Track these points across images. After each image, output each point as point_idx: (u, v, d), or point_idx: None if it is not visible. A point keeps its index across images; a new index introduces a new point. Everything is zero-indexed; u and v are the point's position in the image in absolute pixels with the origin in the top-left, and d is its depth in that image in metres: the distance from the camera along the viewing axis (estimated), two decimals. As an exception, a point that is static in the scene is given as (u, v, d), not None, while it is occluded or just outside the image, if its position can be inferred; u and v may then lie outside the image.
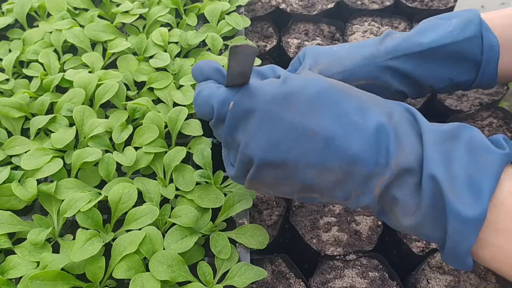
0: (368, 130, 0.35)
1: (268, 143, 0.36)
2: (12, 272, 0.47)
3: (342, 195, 0.38)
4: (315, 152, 0.36)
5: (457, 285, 0.55)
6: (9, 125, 0.61)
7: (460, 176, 0.33)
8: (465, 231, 0.32)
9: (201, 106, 0.40)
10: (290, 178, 0.37)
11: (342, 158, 0.35)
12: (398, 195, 0.36)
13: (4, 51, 0.72)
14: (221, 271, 0.50)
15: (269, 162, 0.37)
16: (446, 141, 0.35)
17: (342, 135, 0.35)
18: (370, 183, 0.36)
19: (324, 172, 0.36)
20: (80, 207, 0.50)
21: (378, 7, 0.90)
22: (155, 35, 0.72)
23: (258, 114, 0.36)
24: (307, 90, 0.36)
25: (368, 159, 0.35)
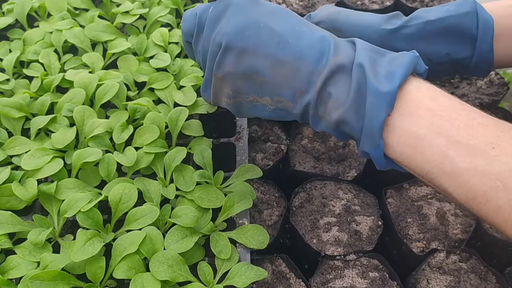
0: (314, 37, 0.43)
1: (235, 29, 0.43)
2: (12, 272, 0.47)
3: (289, 93, 0.44)
4: (270, 44, 0.43)
5: (457, 285, 0.55)
6: (10, 125, 0.61)
7: (382, 71, 0.40)
8: (379, 103, 0.39)
9: (187, 18, 0.49)
10: (248, 67, 0.44)
11: (291, 53, 0.43)
12: (332, 90, 0.42)
13: (5, 51, 0.72)
14: (221, 271, 0.50)
15: (234, 46, 0.44)
16: (373, 52, 0.42)
17: (294, 36, 0.43)
18: (312, 80, 0.42)
19: (276, 65, 0.43)
20: (81, 207, 0.50)
21: (378, 7, 0.90)
22: (155, 35, 0.72)
23: (232, 8, 0.44)
24: (271, 5, 0.45)
25: (312, 57, 0.42)
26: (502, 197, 0.35)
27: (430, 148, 0.38)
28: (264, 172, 0.60)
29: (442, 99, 0.39)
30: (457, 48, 0.56)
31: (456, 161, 0.37)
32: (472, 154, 0.36)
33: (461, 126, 0.37)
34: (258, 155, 0.69)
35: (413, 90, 0.40)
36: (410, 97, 0.39)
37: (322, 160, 0.69)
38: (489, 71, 0.57)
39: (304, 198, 0.64)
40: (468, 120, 0.38)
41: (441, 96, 0.40)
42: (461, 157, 0.37)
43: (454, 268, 0.57)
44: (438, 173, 0.38)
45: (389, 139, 0.40)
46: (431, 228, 0.60)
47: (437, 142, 0.38)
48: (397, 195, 0.64)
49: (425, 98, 0.39)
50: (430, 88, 0.40)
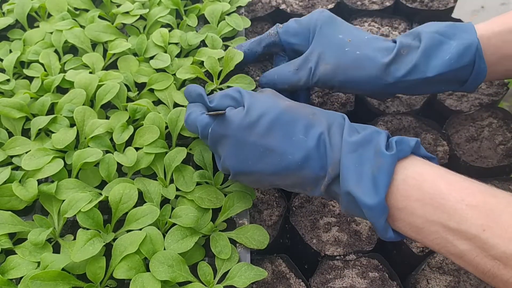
0: (311, 144, 0.46)
1: (238, 160, 0.49)
2: (12, 272, 0.47)
3: (300, 190, 0.50)
4: (273, 164, 0.47)
5: (457, 285, 0.55)
6: (10, 125, 0.61)
7: (367, 175, 0.43)
8: (374, 215, 0.43)
9: (190, 126, 0.54)
10: (259, 181, 0.51)
11: (294, 168, 0.46)
12: (337, 190, 0.46)
13: (5, 51, 0.72)
14: (222, 271, 0.50)
15: (241, 172, 0.50)
16: (357, 148, 0.44)
17: (292, 151, 0.46)
18: (318, 182, 0.47)
19: (283, 178, 0.48)
20: (81, 207, 0.50)
21: (378, 7, 0.90)
22: (155, 35, 0.72)
23: (229, 139, 0.49)
24: (264, 118, 0.47)
25: (313, 166, 0.46)
26: (505, 273, 0.37)
27: (430, 234, 0.41)
28: (264, 172, 0.60)
29: (428, 185, 0.41)
30: (446, 88, 0.60)
31: (456, 244, 0.40)
32: (466, 238, 0.39)
33: (451, 212, 0.39)
34: (258, 155, 0.68)
35: (401, 185, 0.42)
36: (399, 192, 0.42)
37: (322, 160, 0.69)
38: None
39: (304, 198, 0.64)
40: (456, 203, 0.39)
41: (427, 181, 0.42)
42: (458, 240, 0.39)
43: (454, 268, 0.57)
44: (446, 253, 0.42)
45: (395, 225, 0.44)
46: (431, 228, 0.60)
47: (434, 229, 0.41)
48: (397, 195, 0.64)
49: (413, 189, 0.42)
50: (415, 175, 0.42)
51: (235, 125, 0.48)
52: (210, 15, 0.76)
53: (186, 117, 0.55)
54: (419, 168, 0.43)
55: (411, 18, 0.88)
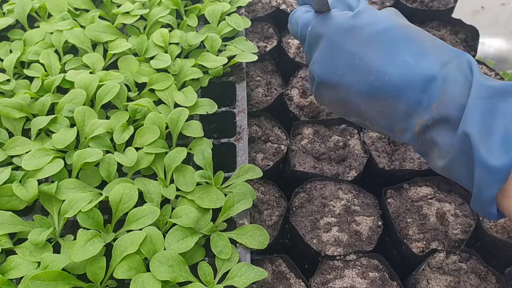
0: (416, 72, 0.38)
1: (327, 66, 0.42)
2: (13, 272, 0.47)
3: (387, 126, 0.42)
4: (365, 82, 0.40)
5: (457, 286, 0.55)
6: (10, 125, 0.61)
7: (498, 131, 0.35)
8: (489, 179, 0.34)
9: (292, 24, 0.49)
10: (342, 100, 0.43)
11: (387, 92, 0.39)
12: (436, 138, 0.38)
13: (5, 51, 0.72)
14: (222, 271, 0.50)
15: (326, 82, 0.43)
16: (493, 95, 0.36)
17: (392, 72, 0.38)
18: (411, 121, 0.39)
19: (371, 101, 0.40)
20: (81, 207, 0.50)
21: (378, 7, 0.90)
22: (155, 36, 0.72)
23: (325, 40, 0.42)
24: (372, 27, 0.40)
25: (410, 97, 0.38)
26: None
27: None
28: (264, 172, 0.60)
29: None
30: None
31: None
32: None
33: None
34: (258, 155, 0.69)
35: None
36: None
37: (322, 160, 0.69)
38: None
39: (304, 198, 0.64)
40: None
41: None
42: None
43: (454, 268, 0.57)
44: None
45: (505, 203, 0.36)
46: (431, 228, 0.60)
47: None
48: (397, 195, 0.64)
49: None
50: None
51: (336, 25, 0.42)
52: (210, 15, 0.76)
53: (290, 15, 0.50)
54: None
55: (411, 18, 0.88)
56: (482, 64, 0.81)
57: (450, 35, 0.87)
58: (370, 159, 0.68)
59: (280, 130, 0.72)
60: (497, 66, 1.67)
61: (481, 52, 1.71)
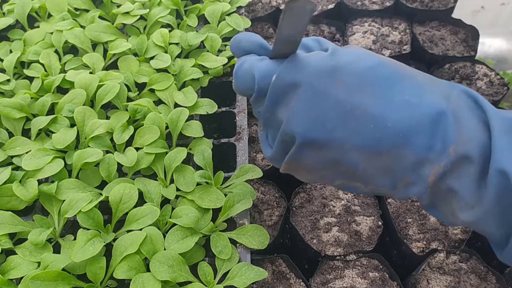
0: (423, 112, 0.32)
1: (312, 121, 0.33)
2: (13, 272, 0.47)
3: (389, 183, 0.35)
4: (363, 132, 0.33)
5: (457, 286, 0.55)
6: (10, 125, 0.61)
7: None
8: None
9: (242, 77, 0.37)
10: (333, 161, 0.35)
11: (392, 141, 0.32)
12: (455, 186, 0.33)
13: (5, 51, 0.72)
14: (222, 271, 0.50)
15: (312, 141, 0.34)
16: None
17: (394, 116, 0.32)
18: (422, 171, 0.33)
19: (372, 156, 0.33)
20: (81, 207, 0.50)
21: (378, 7, 0.90)
22: (155, 36, 0.72)
23: (303, 89, 0.33)
24: (358, 65, 0.33)
25: (420, 143, 0.32)
26: None
27: None
28: (264, 172, 0.60)
29: None
30: None
31: None
32: None
33: None
34: (258, 155, 0.69)
35: None
36: None
37: (322, 160, 0.69)
38: None
39: (304, 198, 0.64)
40: None
41: None
42: None
43: (454, 268, 0.57)
44: None
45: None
46: (431, 228, 0.60)
47: None
48: (397, 196, 0.64)
49: None
50: None
51: (314, 69, 0.34)
52: (210, 15, 0.76)
53: (237, 68, 0.38)
54: None
55: (411, 18, 0.88)
56: (482, 64, 0.81)
57: (450, 35, 0.87)
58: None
59: (280, 130, 0.72)
60: (497, 66, 1.67)
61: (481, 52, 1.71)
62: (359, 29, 0.87)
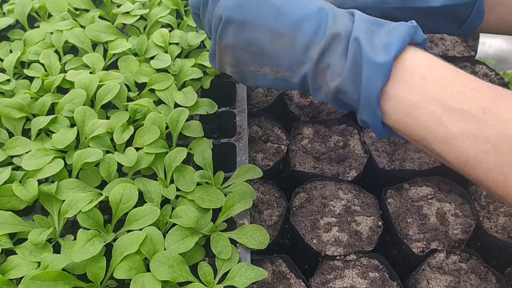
0: (311, 9, 0.44)
1: (234, 4, 0.45)
2: (13, 272, 0.47)
3: (287, 64, 0.46)
4: (268, 17, 0.45)
5: (457, 286, 0.55)
6: (10, 125, 0.61)
7: (379, 43, 0.41)
8: (374, 74, 0.40)
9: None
10: (248, 40, 0.46)
11: (288, 25, 0.44)
12: (329, 61, 0.43)
13: (5, 51, 0.72)
14: (222, 271, 0.50)
15: (234, 19, 0.46)
16: (372, 23, 0.43)
17: (291, 8, 0.44)
18: (309, 51, 0.44)
19: (274, 37, 0.45)
20: (81, 207, 0.50)
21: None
22: (156, 36, 0.72)
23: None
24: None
25: (309, 29, 0.44)
26: (492, 159, 0.36)
27: (425, 115, 0.40)
28: (264, 172, 0.60)
29: (437, 67, 0.41)
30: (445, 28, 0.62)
31: (449, 125, 0.38)
32: (464, 118, 0.38)
33: (455, 92, 0.39)
34: (258, 155, 0.69)
35: (409, 60, 0.41)
36: (405, 66, 0.41)
37: (322, 160, 0.69)
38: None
39: (304, 198, 0.64)
40: (461, 87, 0.39)
41: (437, 64, 0.41)
42: (454, 122, 0.38)
43: (454, 268, 0.57)
44: (432, 138, 0.40)
45: (385, 107, 0.42)
46: (431, 228, 0.60)
47: (431, 109, 0.39)
48: (397, 195, 0.64)
49: (420, 66, 0.40)
50: (426, 57, 0.41)
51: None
52: (210, 15, 0.76)
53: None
54: (431, 55, 0.42)
55: (411, 18, 0.88)
56: (482, 64, 0.81)
57: (450, 35, 0.87)
58: (370, 159, 0.68)
59: (280, 130, 0.72)
60: (497, 66, 1.67)
61: (481, 52, 1.72)
62: (359, 29, 0.87)
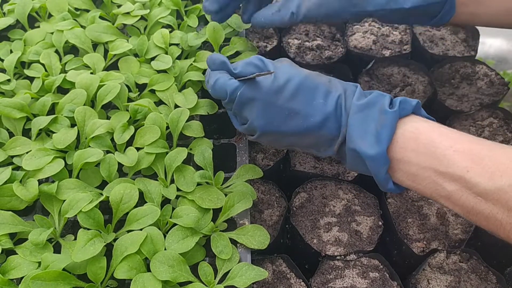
0: (329, 108, 0.51)
1: (266, 121, 0.53)
2: (13, 272, 0.47)
3: (314, 150, 0.55)
4: (297, 126, 0.52)
5: (457, 286, 0.55)
6: (11, 125, 0.61)
7: (371, 131, 0.48)
8: (376, 165, 0.48)
9: (218, 90, 0.55)
10: (279, 141, 0.55)
11: (314, 129, 0.51)
12: (345, 149, 0.51)
13: (5, 51, 0.72)
14: (222, 271, 0.50)
15: (267, 132, 0.54)
16: (364, 109, 0.50)
17: (313, 113, 0.51)
18: (332, 143, 0.52)
19: (303, 138, 0.53)
20: (82, 207, 0.50)
21: (378, 8, 0.90)
22: (156, 36, 0.72)
23: (258, 102, 0.53)
24: (290, 84, 0.52)
25: (330, 128, 0.51)
26: (486, 208, 0.42)
27: (423, 180, 0.47)
28: (264, 172, 0.60)
29: (423, 136, 0.47)
30: (415, 21, 0.69)
31: (445, 186, 0.45)
32: (453, 179, 0.44)
33: (441, 157, 0.45)
34: (259, 155, 0.69)
35: (400, 138, 0.48)
36: (398, 145, 0.48)
37: (323, 160, 0.69)
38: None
39: (304, 198, 0.64)
40: (445, 150, 0.45)
41: (422, 133, 0.47)
42: (447, 182, 0.45)
43: (455, 268, 0.57)
44: (437, 196, 0.47)
45: (394, 177, 0.49)
46: (431, 228, 0.60)
47: (427, 174, 0.46)
48: (398, 195, 0.64)
49: (409, 141, 0.47)
50: (413, 129, 0.48)
51: (265, 89, 0.52)
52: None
53: (213, 83, 0.55)
54: (416, 124, 0.48)
55: (412, 19, 0.88)
56: (483, 64, 0.81)
57: (450, 35, 0.87)
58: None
59: (281, 130, 0.72)
60: (497, 66, 1.67)
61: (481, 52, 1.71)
62: (359, 29, 0.87)
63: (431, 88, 0.77)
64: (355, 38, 0.85)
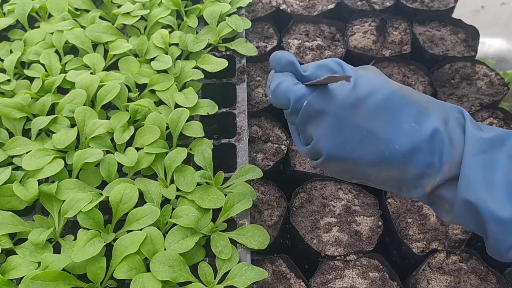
0: (423, 136, 0.39)
1: (335, 143, 0.41)
2: (13, 273, 0.47)
3: (395, 187, 0.42)
4: (375, 153, 0.40)
5: (457, 286, 0.55)
6: (11, 125, 0.61)
7: (500, 182, 0.36)
8: (503, 231, 0.36)
9: (279, 97, 0.43)
10: (351, 170, 0.43)
11: (398, 160, 0.40)
12: (446, 195, 0.39)
13: (5, 51, 0.72)
14: (222, 271, 0.50)
15: (335, 157, 0.42)
16: (488, 149, 0.38)
17: (400, 140, 0.39)
18: (422, 181, 0.40)
19: (381, 170, 0.41)
20: (81, 207, 0.50)
21: (378, 7, 0.90)
22: (156, 37, 0.72)
23: (329, 116, 0.41)
24: (375, 97, 0.40)
25: (421, 161, 0.39)
26: None
27: None
28: (264, 172, 0.60)
29: None
30: None
31: None
32: None
33: None
34: (259, 155, 0.69)
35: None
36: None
37: (323, 160, 0.69)
38: None
39: (304, 198, 0.64)
40: None
41: None
42: None
43: (454, 269, 0.57)
44: None
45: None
46: (431, 229, 0.60)
47: None
48: (397, 196, 0.64)
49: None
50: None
51: (339, 101, 0.40)
52: (209, 16, 0.76)
53: (274, 87, 0.44)
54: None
55: (412, 18, 0.88)
56: (482, 64, 0.81)
57: (450, 35, 0.87)
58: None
59: (280, 130, 0.72)
60: (497, 66, 1.66)
61: (481, 52, 1.71)
62: (359, 29, 0.87)
63: (431, 88, 0.77)
64: (355, 38, 0.85)
